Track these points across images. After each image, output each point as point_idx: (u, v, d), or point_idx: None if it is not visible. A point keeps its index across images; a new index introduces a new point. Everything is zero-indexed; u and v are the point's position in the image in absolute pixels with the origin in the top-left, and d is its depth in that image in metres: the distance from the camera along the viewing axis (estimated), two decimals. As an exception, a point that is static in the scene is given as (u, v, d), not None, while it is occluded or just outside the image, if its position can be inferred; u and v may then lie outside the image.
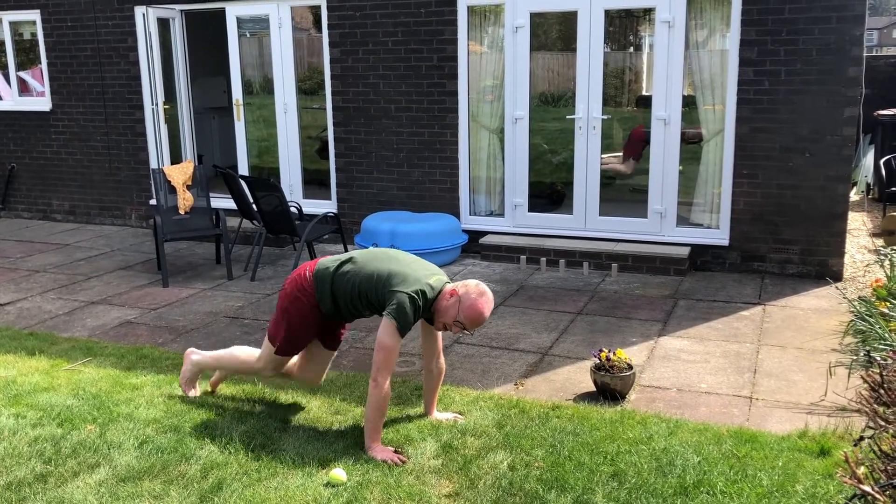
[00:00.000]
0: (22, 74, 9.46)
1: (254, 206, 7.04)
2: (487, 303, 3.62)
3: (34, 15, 9.09)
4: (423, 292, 3.61)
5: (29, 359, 4.94)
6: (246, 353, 4.14)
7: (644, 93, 9.72)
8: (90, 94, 9.01)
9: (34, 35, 9.24)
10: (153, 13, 8.41)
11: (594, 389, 4.37)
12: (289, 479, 3.41)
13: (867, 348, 4.47)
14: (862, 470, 2.38)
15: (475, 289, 3.62)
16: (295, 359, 4.14)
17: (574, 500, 3.22)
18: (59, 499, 3.28)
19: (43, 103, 9.31)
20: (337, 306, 3.81)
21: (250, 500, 3.25)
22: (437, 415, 4.03)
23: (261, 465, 3.53)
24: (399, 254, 3.84)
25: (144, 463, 3.56)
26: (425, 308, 3.65)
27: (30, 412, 4.09)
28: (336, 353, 4.20)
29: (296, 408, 4.15)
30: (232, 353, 4.19)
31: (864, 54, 6.35)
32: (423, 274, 3.69)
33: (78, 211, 9.44)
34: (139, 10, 8.51)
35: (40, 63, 9.22)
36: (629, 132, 8.45)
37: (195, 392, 4.31)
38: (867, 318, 5.03)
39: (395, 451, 3.63)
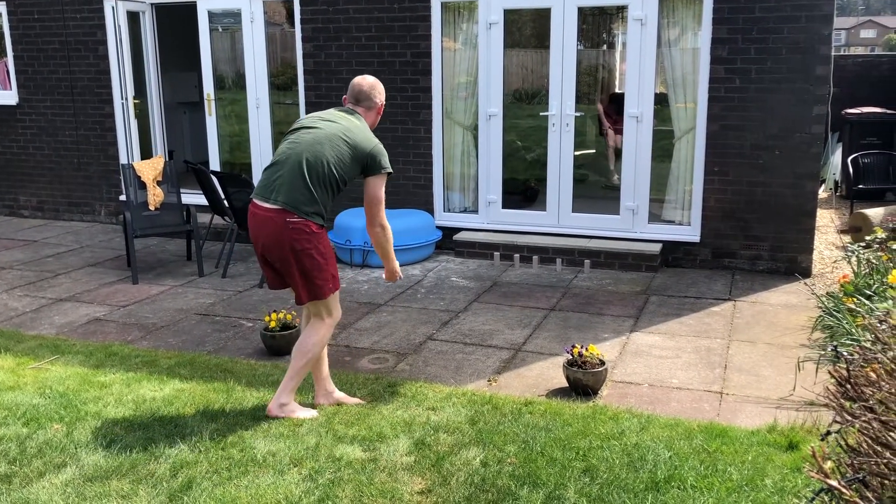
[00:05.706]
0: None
1: (225, 202, 6.97)
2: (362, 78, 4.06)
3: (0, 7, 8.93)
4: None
5: (-6, 357, 4.86)
6: (312, 344, 4.00)
7: (617, 90, 9.77)
8: (58, 89, 8.86)
9: (0, 28, 9.07)
10: (123, 6, 8.29)
11: (567, 385, 4.38)
12: (260, 477, 3.38)
13: (835, 343, 4.52)
14: (829, 464, 2.41)
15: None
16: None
17: (546, 495, 3.23)
18: (24, 499, 3.22)
19: (9, 97, 9.14)
20: (328, 193, 3.87)
21: (221, 499, 3.21)
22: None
23: (231, 464, 3.49)
24: (316, 121, 3.95)
25: (112, 462, 3.51)
26: None
27: (-5, 411, 4.03)
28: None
29: (266, 405, 4.11)
30: (310, 359, 4.04)
31: (833, 53, 6.43)
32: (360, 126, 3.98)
33: (46, 207, 9.29)
34: (108, 4, 8.38)
35: (6, 56, 9.05)
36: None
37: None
38: (835, 313, 5.10)
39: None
